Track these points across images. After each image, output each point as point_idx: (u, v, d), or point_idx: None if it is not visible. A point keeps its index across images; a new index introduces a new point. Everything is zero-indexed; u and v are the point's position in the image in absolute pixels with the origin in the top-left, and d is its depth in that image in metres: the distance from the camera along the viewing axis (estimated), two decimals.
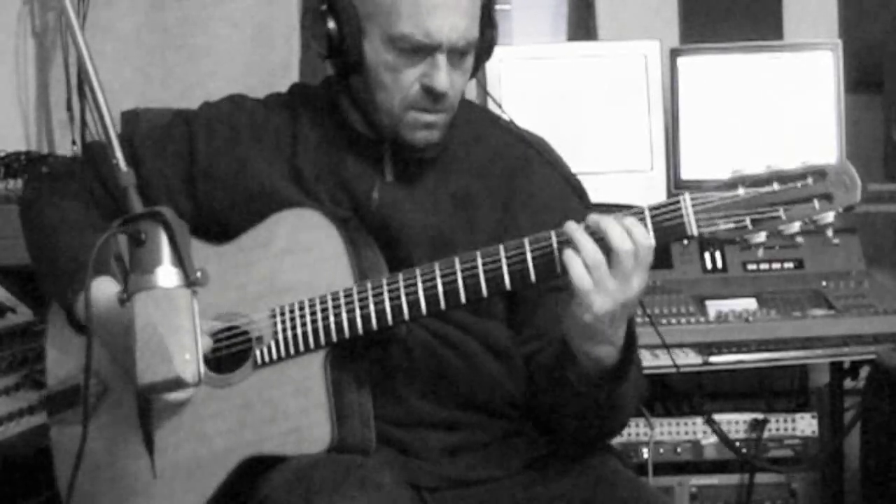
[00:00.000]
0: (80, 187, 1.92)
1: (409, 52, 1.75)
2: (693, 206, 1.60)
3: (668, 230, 1.61)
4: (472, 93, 1.90)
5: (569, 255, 1.60)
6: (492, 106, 2.02)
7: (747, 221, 1.59)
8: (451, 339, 1.82)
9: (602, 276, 1.58)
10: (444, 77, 1.76)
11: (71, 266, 1.79)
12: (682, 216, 1.60)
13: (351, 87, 1.84)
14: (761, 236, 1.60)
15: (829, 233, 1.60)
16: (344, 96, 1.86)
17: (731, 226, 1.59)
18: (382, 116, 1.81)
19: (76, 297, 1.79)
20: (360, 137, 1.85)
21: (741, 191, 1.59)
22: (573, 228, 1.61)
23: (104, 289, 1.75)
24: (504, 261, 1.67)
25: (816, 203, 1.57)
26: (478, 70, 1.86)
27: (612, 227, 1.58)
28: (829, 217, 1.57)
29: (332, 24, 1.79)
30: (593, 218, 1.60)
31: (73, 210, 1.88)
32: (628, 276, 1.58)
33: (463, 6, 1.75)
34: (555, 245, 1.64)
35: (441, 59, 1.75)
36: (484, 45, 1.83)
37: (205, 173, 1.88)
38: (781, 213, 1.58)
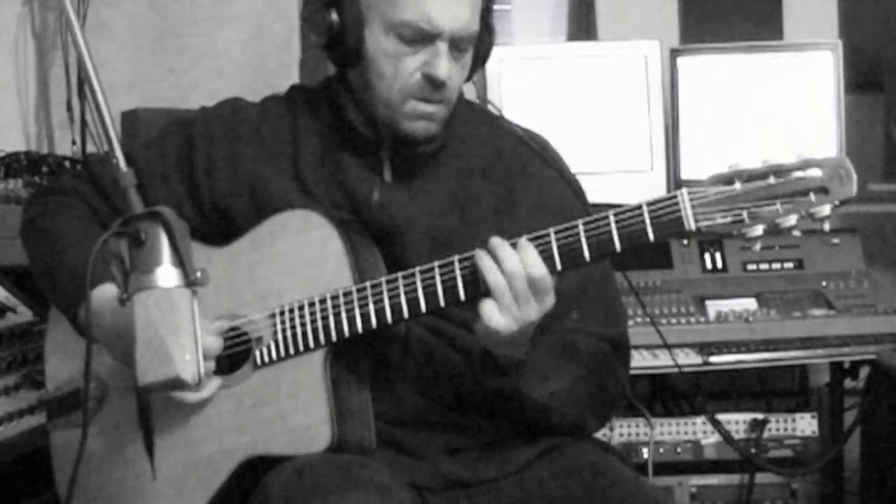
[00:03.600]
0: (81, 202, 1.92)
1: (410, 40, 1.76)
2: (691, 200, 1.60)
3: (666, 225, 1.62)
4: (471, 94, 1.90)
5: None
6: (490, 107, 2.02)
7: (744, 215, 1.59)
8: (451, 336, 1.82)
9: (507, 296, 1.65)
10: (445, 65, 1.76)
11: (74, 278, 1.79)
12: (679, 211, 1.61)
13: (350, 84, 1.85)
14: (758, 230, 1.60)
15: (826, 226, 1.60)
16: (343, 93, 1.86)
17: (729, 219, 1.59)
18: (381, 108, 1.81)
19: (80, 307, 1.79)
20: (359, 138, 1.85)
21: (738, 185, 1.59)
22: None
23: (106, 291, 1.75)
24: None
25: (813, 196, 1.57)
26: (475, 72, 1.86)
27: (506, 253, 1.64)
28: (826, 210, 1.58)
29: (333, 14, 1.80)
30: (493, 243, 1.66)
31: (75, 225, 1.88)
32: (528, 299, 1.65)
33: None
34: (553, 241, 1.65)
35: (442, 46, 1.76)
36: (482, 47, 1.84)
37: (206, 179, 1.87)
38: (778, 206, 1.58)
